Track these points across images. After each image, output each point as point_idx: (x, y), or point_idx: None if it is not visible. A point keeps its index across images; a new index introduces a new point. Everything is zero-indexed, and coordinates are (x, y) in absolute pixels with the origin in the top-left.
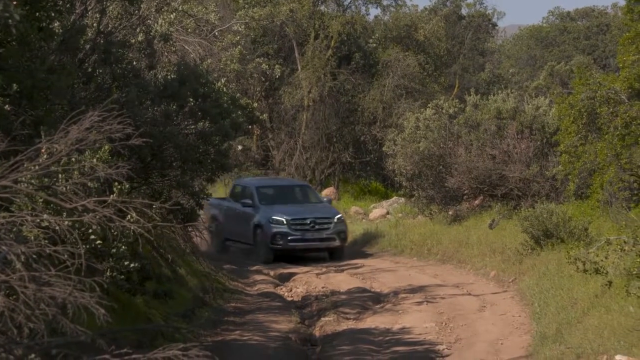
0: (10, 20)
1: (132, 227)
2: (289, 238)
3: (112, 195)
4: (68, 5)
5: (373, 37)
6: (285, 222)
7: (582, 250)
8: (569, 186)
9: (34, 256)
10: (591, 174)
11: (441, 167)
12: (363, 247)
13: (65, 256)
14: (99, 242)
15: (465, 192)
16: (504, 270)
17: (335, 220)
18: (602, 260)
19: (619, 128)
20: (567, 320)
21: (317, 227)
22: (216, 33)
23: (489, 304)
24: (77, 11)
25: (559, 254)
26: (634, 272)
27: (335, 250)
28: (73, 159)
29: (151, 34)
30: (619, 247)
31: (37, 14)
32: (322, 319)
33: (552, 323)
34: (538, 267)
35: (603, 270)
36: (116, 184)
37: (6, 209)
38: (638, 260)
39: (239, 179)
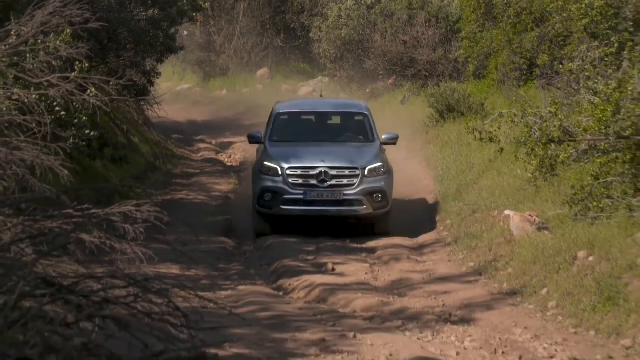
0: None
1: (91, 101)
2: (285, 198)
3: (73, 73)
4: None
5: None
6: (280, 172)
7: (479, 122)
8: (468, 68)
9: (6, 124)
10: (487, 57)
11: (360, 51)
12: None
13: (34, 125)
14: (62, 113)
15: (381, 72)
16: (413, 141)
17: (366, 172)
18: (495, 131)
19: (512, 17)
20: (465, 182)
21: (329, 182)
22: None
23: (400, 169)
24: None
25: (459, 126)
26: (522, 140)
27: (375, 221)
28: (39, 40)
29: None
30: (510, 119)
31: None
32: None
33: (452, 184)
34: (441, 137)
35: (496, 139)
36: (77, 62)
37: None
38: (525, 130)
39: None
